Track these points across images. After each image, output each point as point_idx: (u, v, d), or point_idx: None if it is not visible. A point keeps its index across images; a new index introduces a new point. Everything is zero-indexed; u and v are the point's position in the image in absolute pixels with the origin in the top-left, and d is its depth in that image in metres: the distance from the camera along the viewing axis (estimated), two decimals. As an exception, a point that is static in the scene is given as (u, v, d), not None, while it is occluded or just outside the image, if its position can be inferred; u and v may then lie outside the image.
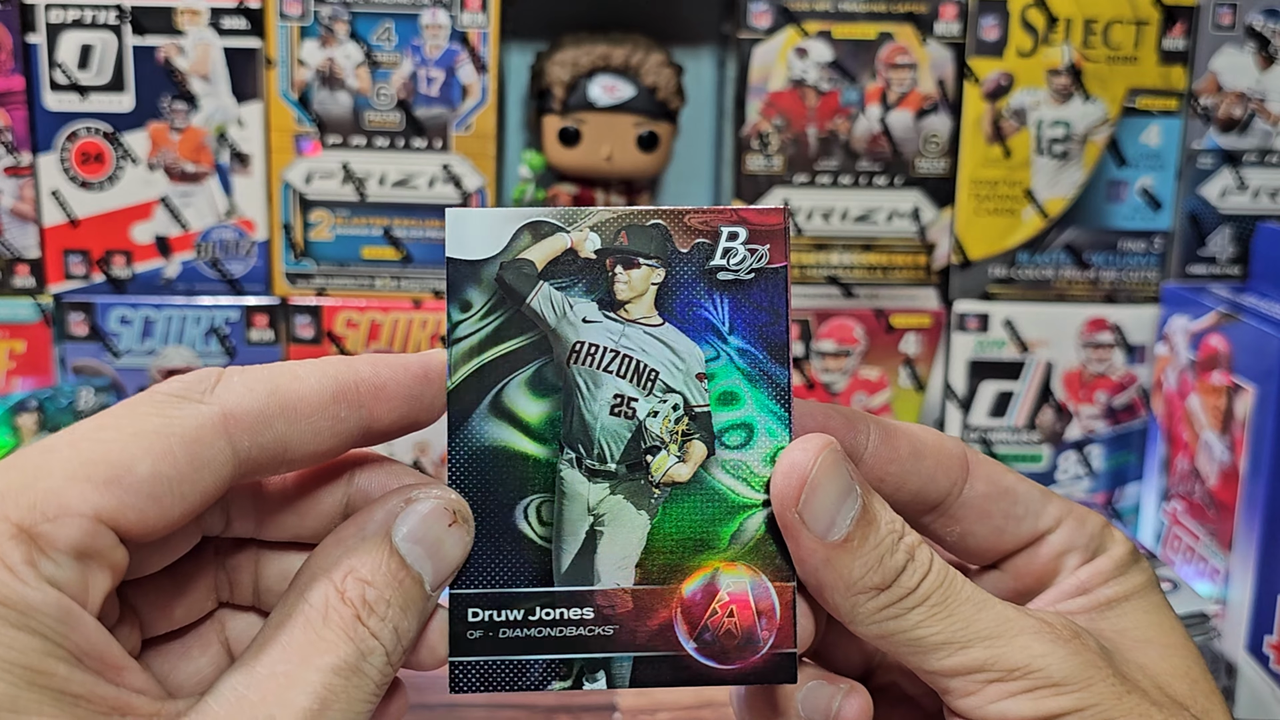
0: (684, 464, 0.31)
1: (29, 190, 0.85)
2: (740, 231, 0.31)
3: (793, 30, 0.87)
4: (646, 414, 0.31)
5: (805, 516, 0.30)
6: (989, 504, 0.34)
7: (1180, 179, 0.89)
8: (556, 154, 0.93)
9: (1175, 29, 0.87)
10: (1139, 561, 0.35)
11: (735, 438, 0.31)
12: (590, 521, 0.30)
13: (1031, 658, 0.30)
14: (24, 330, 0.86)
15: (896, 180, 0.89)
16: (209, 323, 0.87)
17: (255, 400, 0.29)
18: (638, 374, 0.31)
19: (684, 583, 0.30)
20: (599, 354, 0.31)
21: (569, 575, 0.30)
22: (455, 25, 0.85)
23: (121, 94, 0.85)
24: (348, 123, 0.86)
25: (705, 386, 0.31)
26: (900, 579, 0.30)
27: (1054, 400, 0.91)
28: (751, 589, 0.30)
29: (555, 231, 0.31)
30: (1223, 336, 0.80)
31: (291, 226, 0.87)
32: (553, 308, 0.31)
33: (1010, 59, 0.87)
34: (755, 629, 0.30)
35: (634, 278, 0.31)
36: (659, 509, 0.30)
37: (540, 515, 0.30)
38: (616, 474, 0.31)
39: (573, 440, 0.31)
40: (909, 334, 0.90)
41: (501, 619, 0.30)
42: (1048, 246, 0.90)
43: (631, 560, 0.30)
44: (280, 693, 0.27)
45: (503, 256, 0.31)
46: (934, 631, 0.30)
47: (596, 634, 0.30)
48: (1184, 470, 0.85)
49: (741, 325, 0.31)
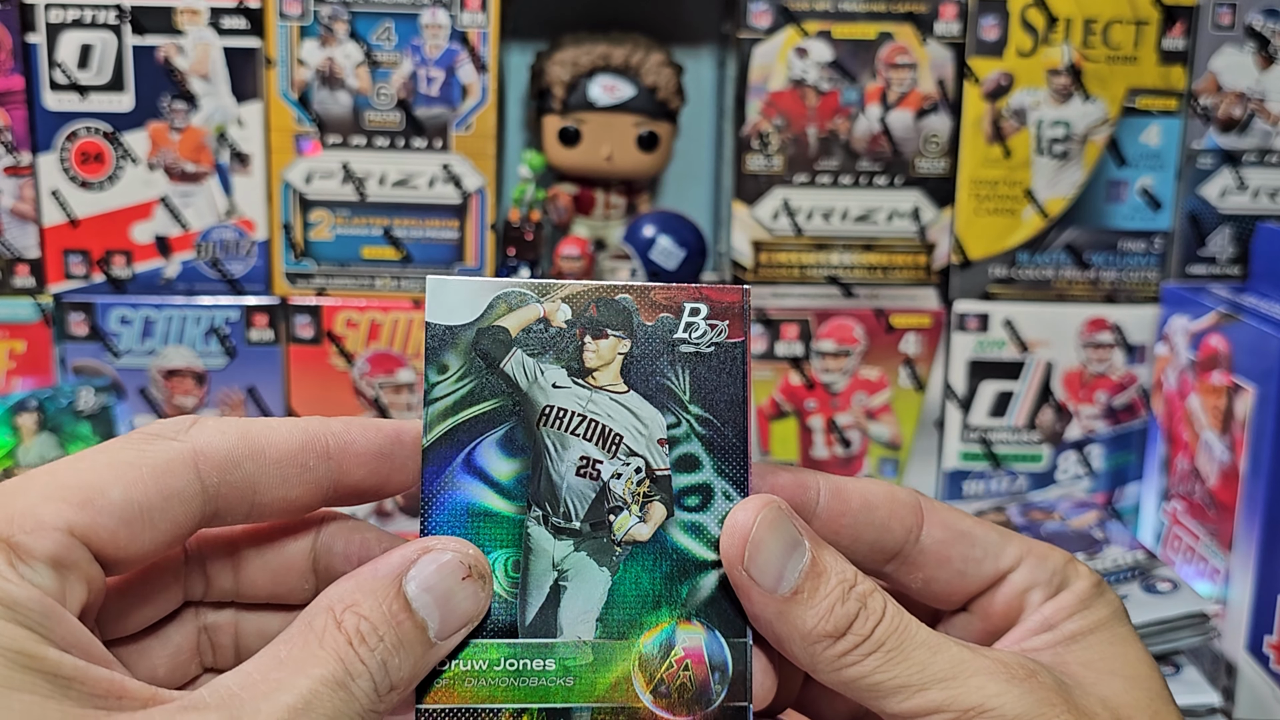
0: (644, 524, 0.32)
1: (29, 190, 0.85)
2: (702, 308, 0.33)
3: (793, 30, 0.87)
4: (610, 476, 0.33)
5: (752, 573, 0.31)
6: (946, 548, 0.35)
7: (1180, 179, 0.89)
8: (556, 154, 0.93)
9: (1175, 29, 0.87)
10: (1104, 594, 0.35)
11: (693, 500, 0.32)
12: (555, 576, 0.32)
13: (985, 698, 0.31)
14: (24, 330, 0.86)
15: (896, 180, 0.89)
16: (209, 323, 0.87)
17: (225, 440, 0.31)
18: (603, 438, 0.33)
19: (642, 638, 0.32)
20: (567, 418, 0.33)
21: (533, 627, 0.31)
22: (455, 25, 0.85)
23: (121, 94, 0.85)
24: (348, 122, 0.86)
25: (666, 451, 0.33)
26: (854, 626, 0.32)
27: (1054, 400, 0.91)
28: (706, 645, 0.32)
29: (529, 301, 0.33)
30: (1223, 336, 0.80)
31: (291, 226, 0.87)
32: (525, 373, 0.33)
33: (1010, 59, 0.87)
34: (709, 683, 0.31)
35: (602, 347, 0.33)
36: (620, 566, 0.32)
37: (507, 569, 0.32)
38: (581, 532, 0.32)
39: (540, 499, 0.32)
40: (909, 334, 0.90)
41: (467, 668, 0.31)
42: (1048, 246, 0.90)
43: (593, 614, 0.32)
44: (268, 693, 0.28)
45: (479, 323, 0.33)
46: (891, 676, 0.31)
47: (558, 684, 0.31)
48: (1184, 470, 0.85)
49: (701, 395, 0.33)
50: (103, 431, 0.85)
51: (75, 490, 0.29)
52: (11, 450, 0.83)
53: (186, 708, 0.27)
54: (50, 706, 0.26)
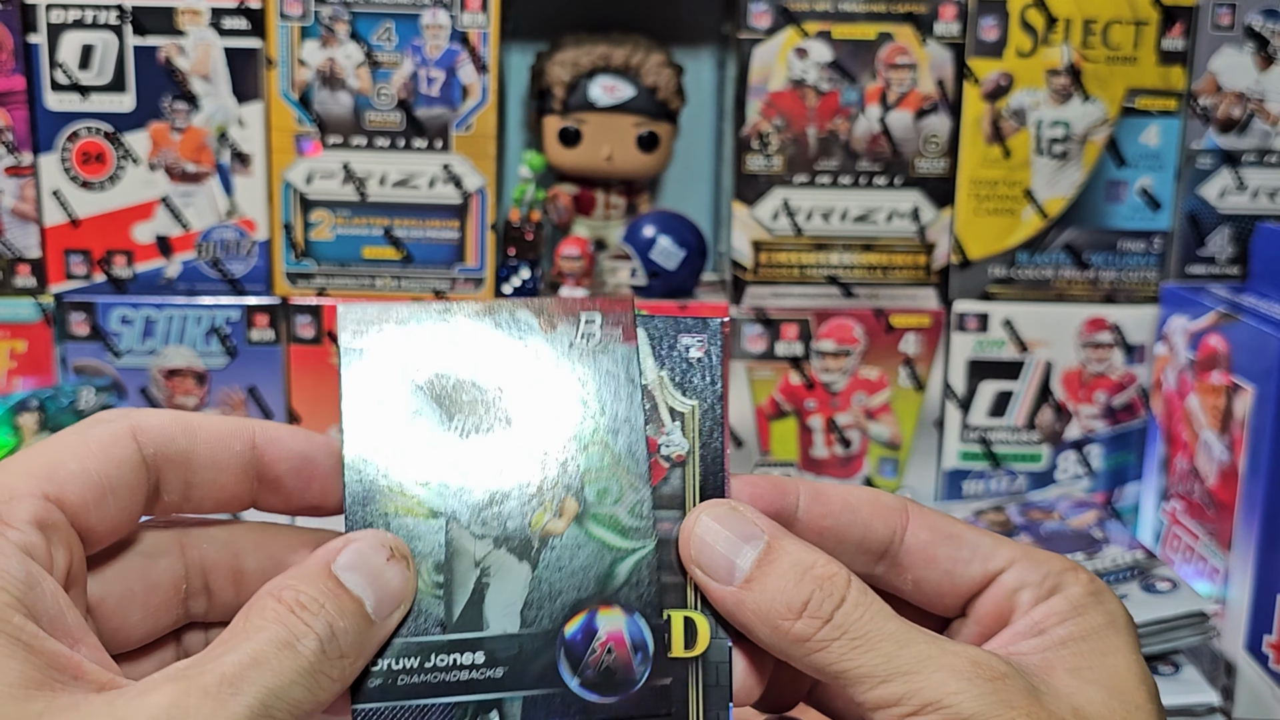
0: (559, 519, 0.34)
1: (30, 190, 0.85)
2: (595, 316, 0.35)
3: (793, 30, 0.87)
4: None
5: (703, 567, 0.33)
6: (933, 548, 0.36)
7: (1179, 179, 0.89)
8: (557, 154, 0.93)
9: (1174, 29, 0.87)
10: (1102, 602, 0.35)
11: (598, 493, 0.34)
12: (477, 574, 0.33)
13: (944, 694, 0.31)
14: (25, 330, 0.86)
15: (896, 180, 0.89)
16: (210, 322, 0.87)
17: (160, 417, 0.33)
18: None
19: (565, 625, 0.33)
20: (479, 423, 0.34)
21: (460, 623, 0.33)
22: (456, 25, 0.85)
23: (122, 94, 0.85)
24: (348, 123, 0.86)
25: (574, 450, 0.34)
26: (810, 606, 0.32)
27: (1053, 400, 0.91)
28: (627, 628, 0.33)
29: (434, 319, 0.36)
30: (1222, 336, 0.80)
31: (292, 226, 0.87)
32: (438, 384, 0.35)
33: (1010, 59, 0.87)
34: (631, 664, 0.33)
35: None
36: (539, 560, 0.33)
37: (431, 570, 0.33)
38: (498, 531, 0.34)
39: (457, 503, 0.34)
40: (909, 334, 0.90)
41: (400, 666, 0.32)
42: (1047, 246, 0.90)
43: (517, 607, 0.33)
44: (217, 657, 0.29)
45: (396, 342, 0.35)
46: (856, 664, 0.32)
47: (488, 676, 0.32)
48: (1183, 470, 0.85)
49: (600, 396, 0.35)
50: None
51: (38, 465, 0.31)
52: (13, 450, 0.83)
53: (137, 695, 0.28)
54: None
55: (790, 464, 0.92)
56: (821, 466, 0.92)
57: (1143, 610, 0.76)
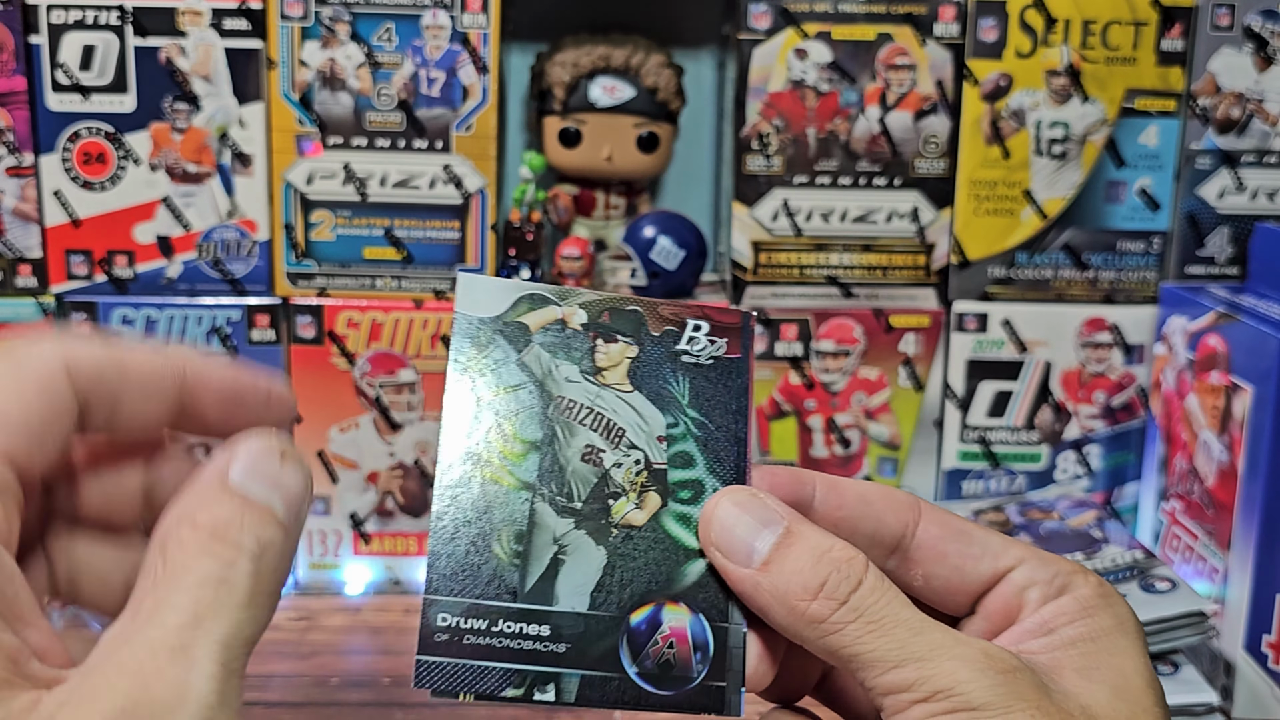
0: (640, 510, 0.35)
1: (31, 190, 0.85)
2: (704, 325, 0.37)
3: (792, 31, 0.87)
4: (612, 464, 0.35)
5: (722, 550, 0.34)
6: (943, 544, 0.36)
7: (1178, 179, 0.89)
8: (557, 155, 0.93)
9: (1173, 30, 0.87)
10: (1111, 604, 0.35)
11: (686, 494, 0.35)
12: (555, 550, 0.34)
13: (956, 682, 0.31)
14: (26, 330, 0.86)
15: (895, 181, 0.89)
16: (211, 322, 0.87)
17: (92, 351, 0.31)
18: (608, 430, 0.35)
19: (631, 614, 0.34)
20: (576, 409, 0.35)
21: (531, 595, 0.33)
22: (456, 26, 0.85)
23: (123, 95, 0.85)
24: (349, 123, 0.86)
25: (664, 448, 0.35)
26: (826, 588, 0.33)
27: (1053, 400, 0.91)
28: (690, 626, 0.34)
29: (549, 303, 0.36)
30: (1221, 336, 0.80)
31: (293, 227, 0.87)
32: (540, 365, 0.36)
33: (1009, 60, 0.87)
34: (690, 661, 0.33)
35: (612, 350, 0.36)
36: (615, 547, 0.34)
37: (513, 540, 0.34)
38: (582, 512, 0.35)
39: (546, 478, 0.35)
40: (908, 334, 0.90)
41: (467, 626, 0.33)
42: (1046, 247, 0.90)
43: (588, 588, 0.34)
44: (152, 618, 0.27)
45: (504, 317, 0.36)
46: (870, 649, 0.32)
47: (550, 650, 0.33)
48: (1182, 470, 0.85)
49: (699, 401, 0.36)
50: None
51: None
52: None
53: (78, 688, 0.27)
54: None
55: (790, 464, 0.92)
56: (821, 466, 0.92)
57: (1142, 610, 0.76)
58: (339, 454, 0.89)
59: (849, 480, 0.37)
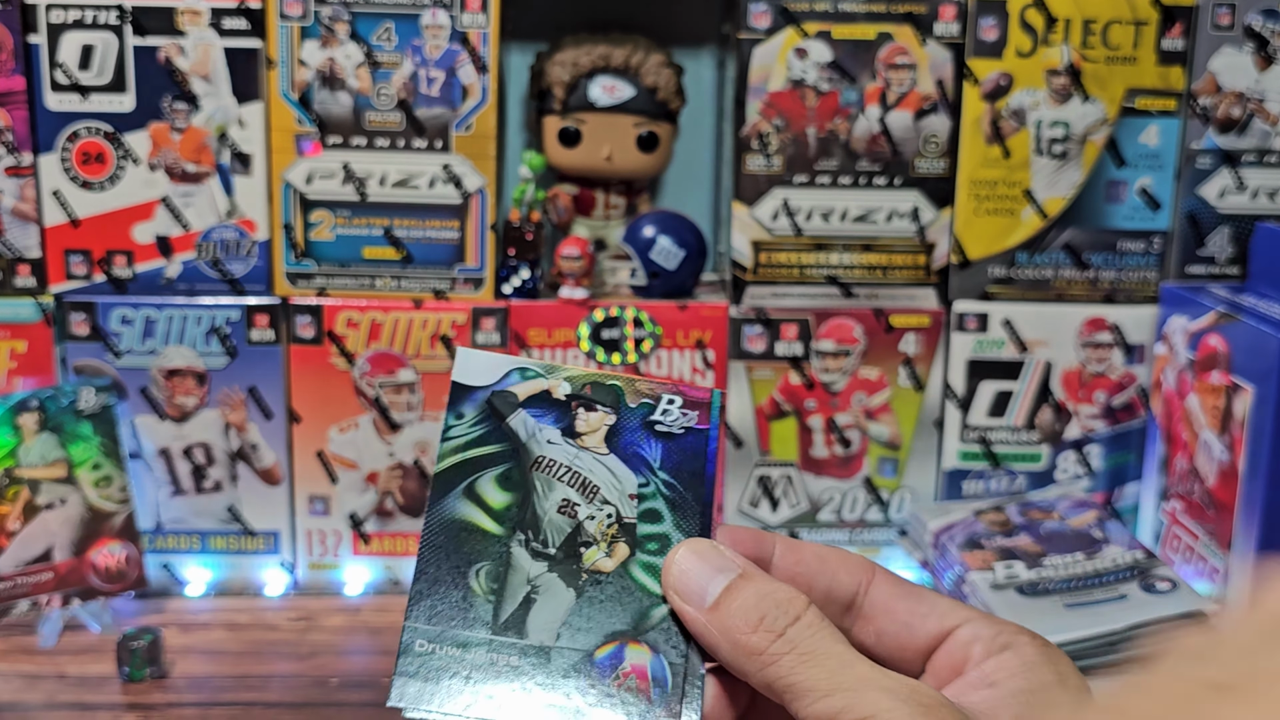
0: (610, 559, 0.38)
1: (30, 190, 0.85)
2: (677, 399, 0.40)
3: (792, 31, 0.87)
4: (586, 517, 0.39)
5: (679, 594, 0.37)
6: (894, 601, 0.38)
7: (1179, 179, 0.89)
8: (557, 154, 0.93)
9: (1174, 29, 0.87)
10: (1053, 662, 0.37)
11: (654, 545, 0.38)
12: (528, 589, 0.37)
13: (879, 710, 0.33)
14: (25, 330, 0.86)
15: (896, 180, 0.89)
16: (210, 322, 0.87)
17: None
18: (584, 487, 0.39)
19: (596, 651, 0.36)
20: (556, 467, 0.39)
21: (504, 627, 0.37)
22: (456, 26, 0.85)
23: (122, 94, 0.85)
24: (348, 123, 0.86)
25: (635, 504, 0.39)
26: (765, 621, 0.35)
27: (1053, 400, 0.91)
28: (650, 664, 0.36)
29: (537, 376, 0.40)
30: (1221, 336, 0.80)
31: (292, 226, 0.87)
32: (525, 428, 0.40)
33: (1009, 59, 0.87)
34: (649, 696, 0.36)
35: (592, 418, 0.40)
36: (584, 590, 0.37)
37: (488, 577, 0.37)
38: (555, 557, 0.38)
39: (525, 526, 0.38)
40: (908, 334, 0.90)
41: (443, 652, 0.36)
42: (1047, 246, 0.90)
43: (556, 624, 0.37)
44: None
45: (494, 387, 0.40)
46: (803, 679, 0.34)
47: (519, 679, 0.36)
48: (1183, 470, 0.85)
49: (669, 464, 0.40)
50: (104, 431, 0.85)
51: None
52: (13, 450, 0.84)
53: None
54: None
55: (790, 464, 0.92)
56: (821, 466, 0.92)
57: (1142, 610, 0.76)
58: (338, 454, 0.89)
59: (807, 542, 0.40)
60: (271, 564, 0.91)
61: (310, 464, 0.89)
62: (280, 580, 0.91)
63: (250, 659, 0.81)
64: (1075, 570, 0.82)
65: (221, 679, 0.79)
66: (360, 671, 0.80)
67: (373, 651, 0.83)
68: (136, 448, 0.88)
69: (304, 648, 0.83)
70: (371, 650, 0.83)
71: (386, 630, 0.86)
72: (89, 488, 0.84)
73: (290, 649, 0.83)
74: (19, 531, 0.82)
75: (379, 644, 0.84)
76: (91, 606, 0.84)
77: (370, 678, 0.79)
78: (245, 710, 0.75)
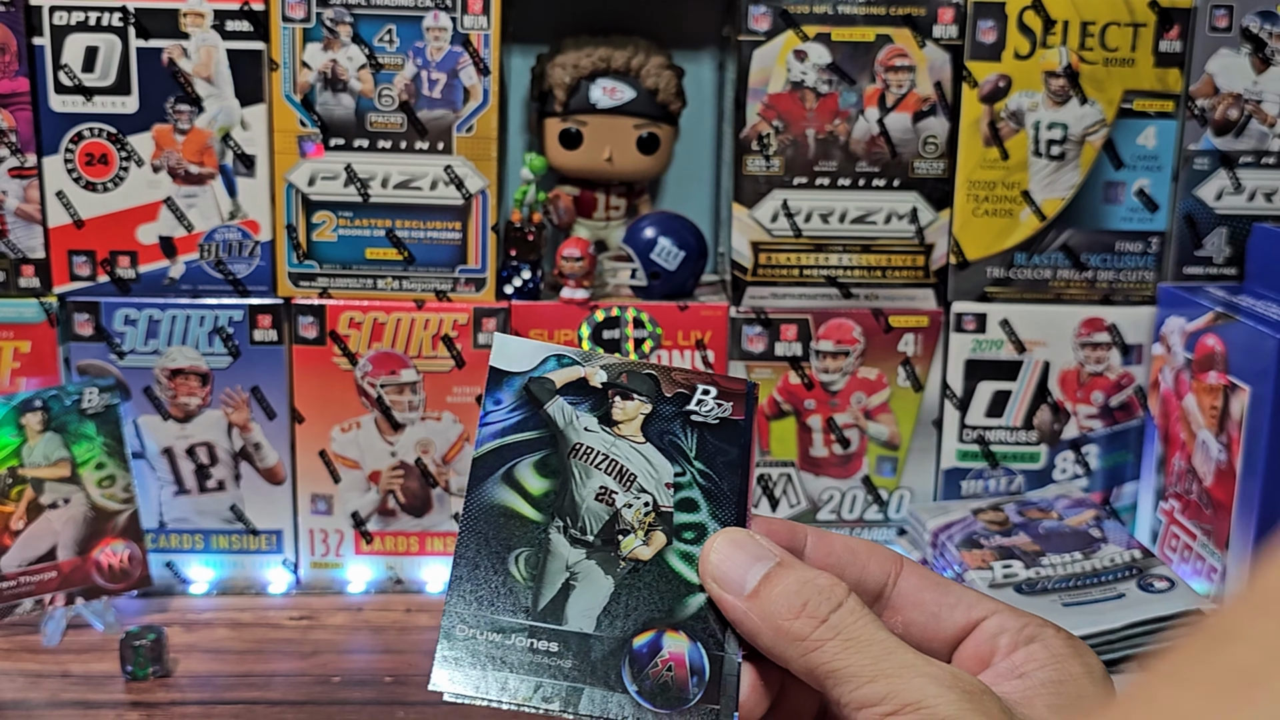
0: (647, 547, 0.38)
1: (34, 191, 0.86)
2: (712, 390, 0.41)
3: (792, 33, 0.87)
4: (623, 505, 0.39)
5: (718, 582, 0.37)
6: (922, 593, 0.39)
7: (1176, 180, 0.90)
8: (558, 156, 0.94)
9: (1171, 31, 0.87)
10: (1081, 655, 0.37)
11: (690, 534, 0.38)
12: (566, 576, 0.37)
13: (924, 695, 0.33)
14: (29, 330, 0.87)
15: (894, 182, 0.89)
16: (213, 323, 0.87)
17: None
18: (621, 475, 0.39)
19: (634, 638, 0.37)
20: (593, 455, 0.39)
21: (543, 614, 0.37)
22: (457, 28, 0.86)
23: (126, 96, 0.85)
24: (351, 125, 0.87)
25: (671, 493, 0.39)
26: (808, 607, 0.35)
27: (1051, 400, 0.92)
28: (689, 653, 0.37)
29: (574, 364, 0.41)
30: (1218, 336, 0.81)
31: (295, 227, 0.88)
32: (563, 415, 0.40)
33: (1007, 61, 0.88)
34: (687, 685, 0.36)
35: (628, 407, 0.40)
36: (622, 577, 0.38)
37: (528, 563, 0.38)
38: (593, 544, 0.38)
39: (563, 513, 0.38)
40: (907, 334, 0.91)
41: (483, 636, 0.36)
42: (1045, 247, 0.90)
43: (595, 612, 0.37)
44: None
45: (532, 373, 0.40)
46: (847, 664, 0.34)
47: (558, 664, 0.36)
48: (1180, 469, 0.86)
49: (705, 454, 0.40)
50: (108, 431, 0.85)
51: None
52: (17, 449, 0.84)
53: None
54: None
55: (789, 463, 0.92)
56: (820, 466, 0.93)
57: (1140, 608, 0.77)
58: (340, 453, 0.90)
59: (838, 535, 0.40)
60: (274, 563, 0.91)
61: (313, 463, 0.90)
62: (283, 579, 0.91)
63: (253, 657, 0.82)
64: (1073, 569, 0.82)
65: (224, 677, 0.79)
66: (362, 670, 0.81)
67: (375, 650, 0.84)
68: (140, 447, 0.89)
69: (306, 646, 0.83)
70: (373, 649, 0.84)
71: (389, 629, 0.86)
72: (93, 487, 0.85)
73: (293, 647, 0.83)
74: (23, 531, 0.83)
75: (381, 642, 0.85)
76: (95, 605, 0.84)
77: (372, 676, 0.80)
78: (248, 708, 0.76)
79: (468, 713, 0.76)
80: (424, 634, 0.85)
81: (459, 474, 0.89)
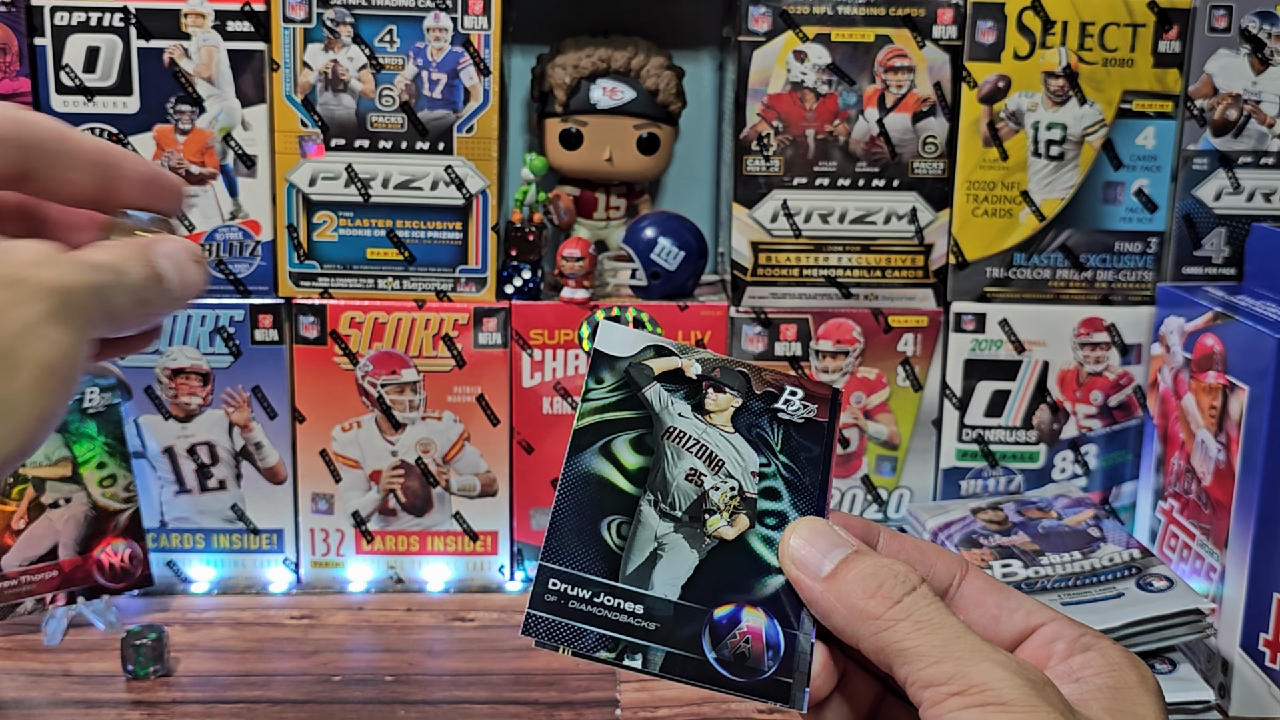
0: (731, 527, 0.41)
1: (36, 192, 0.86)
2: (799, 391, 0.43)
3: (791, 34, 0.88)
4: (711, 486, 0.41)
5: (796, 565, 0.39)
6: (984, 595, 0.41)
7: (1175, 181, 0.90)
8: (558, 156, 0.94)
9: (1170, 32, 0.87)
10: (1136, 666, 0.38)
11: (772, 521, 0.41)
12: (654, 546, 0.40)
13: (989, 678, 0.35)
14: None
15: (894, 182, 0.90)
16: (214, 322, 0.88)
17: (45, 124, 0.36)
18: (710, 459, 0.42)
19: (716, 609, 0.39)
20: (685, 438, 0.42)
21: (631, 578, 0.39)
22: (458, 28, 0.86)
23: (127, 96, 0.85)
24: (351, 125, 0.87)
25: (757, 481, 0.42)
26: (883, 588, 0.37)
27: (1050, 399, 0.92)
28: (765, 628, 0.39)
29: (671, 355, 0.44)
30: (1217, 336, 0.81)
31: (296, 228, 0.88)
32: (659, 400, 0.43)
33: (1007, 62, 0.88)
34: (763, 657, 0.39)
35: (720, 399, 0.43)
36: (706, 553, 0.40)
37: (619, 531, 0.40)
38: (681, 519, 0.41)
39: (655, 488, 0.41)
40: (906, 334, 0.91)
41: (573, 593, 0.39)
42: (1044, 247, 0.90)
43: (679, 581, 0.40)
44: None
45: (633, 359, 0.43)
46: (918, 644, 0.36)
47: (642, 626, 0.39)
48: (1179, 469, 0.86)
49: (789, 449, 0.43)
50: (109, 430, 0.86)
51: None
52: (19, 449, 0.84)
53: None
54: None
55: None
56: (820, 466, 0.93)
57: (1139, 608, 0.77)
58: (341, 453, 0.90)
59: (909, 535, 0.42)
60: (275, 562, 0.91)
61: (314, 463, 0.90)
62: (284, 578, 0.92)
63: (254, 656, 0.82)
64: (1072, 568, 0.82)
65: (225, 676, 0.79)
66: (363, 669, 0.81)
67: (375, 649, 0.84)
68: (141, 447, 0.89)
69: (307, 645, 0.84)
70: (374, 648, 0.84)
71: (390, 628, 0.86)
72: (94, 486, 0.85)
73: (294, 646, 0.83)
74: (24, 530, 0.83)
75: (382, 642, 0.85)
76: (96, 604, 0.85)
77: (373, 675, 0.80)
78: (249, 707, 0.76)
79: (470, 709, 0.76)
80: (425, 633, 0.86)
81: (459, 474, 0.90)
